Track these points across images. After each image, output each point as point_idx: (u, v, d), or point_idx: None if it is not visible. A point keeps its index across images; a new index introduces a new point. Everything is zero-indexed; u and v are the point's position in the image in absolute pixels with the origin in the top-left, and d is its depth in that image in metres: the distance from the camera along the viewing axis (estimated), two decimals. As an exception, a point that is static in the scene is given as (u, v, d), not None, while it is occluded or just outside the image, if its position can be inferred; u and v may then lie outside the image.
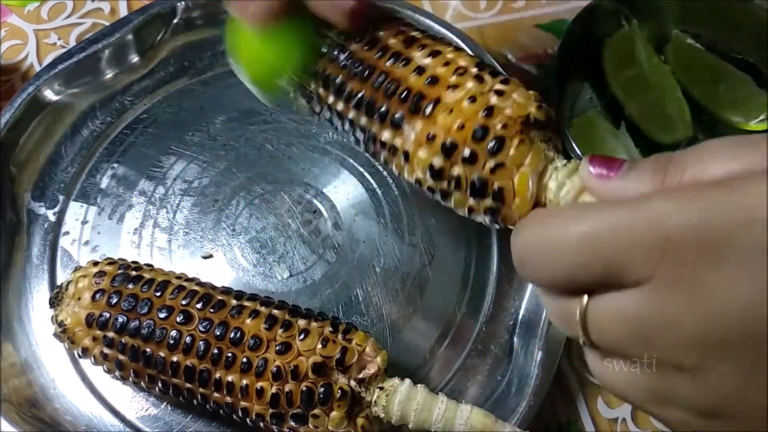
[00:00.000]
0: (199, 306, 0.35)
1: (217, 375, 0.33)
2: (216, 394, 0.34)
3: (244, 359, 0.33)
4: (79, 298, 0.36)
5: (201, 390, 0.34)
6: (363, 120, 0.33)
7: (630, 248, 0.20)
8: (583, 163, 0.26)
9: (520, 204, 0.29)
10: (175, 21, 0.51)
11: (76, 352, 0.37)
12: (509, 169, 0.29)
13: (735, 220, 0.19)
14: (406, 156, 0.32)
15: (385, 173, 0.47)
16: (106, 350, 0.36)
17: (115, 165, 0.47)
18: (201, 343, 0.33)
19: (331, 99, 0.35)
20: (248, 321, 0.34)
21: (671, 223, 0.20)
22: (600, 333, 0.23)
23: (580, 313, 0.23)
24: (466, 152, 0.29)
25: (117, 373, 0.36)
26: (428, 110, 0.30)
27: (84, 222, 0.45)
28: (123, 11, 0.55)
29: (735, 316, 0.19)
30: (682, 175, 0.22)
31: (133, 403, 0.40)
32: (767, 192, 0.19)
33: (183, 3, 0.50)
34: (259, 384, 0.33)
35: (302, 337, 0.33)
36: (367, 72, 0.33)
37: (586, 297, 0.23)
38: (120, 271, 0.37)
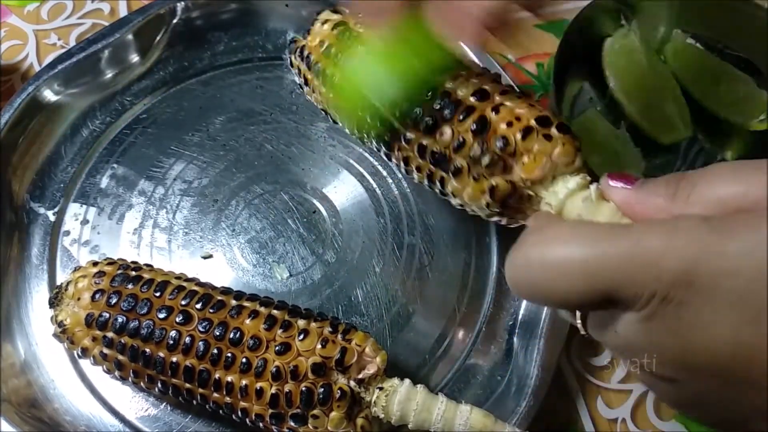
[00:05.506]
0: (198, 306, 0.35)
1: (217, 375, 0.33)
2: (215, 395, 0.34)
3: (244, 359, 0.33)
4: (78, 299, 0.36)
5: (200, 390, 0.34)
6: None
7: (625, 285, 0.23)
8: (603, 178, 0.29)
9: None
10: (174, 21, 0.51)
11: (75, 353, 0.37)
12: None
13: (721, 268, 0.21)
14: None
15: (384, 173, 0.47)
16: (106, 350, 0.36)
17: (115, 165, 0.47)
18: (200, 343, 0.33)
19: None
20: (248, 321, 0.34)
21: (664, 265, 0.22)
22: (599, 338, 0.27)
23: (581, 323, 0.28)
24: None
25: (116, 373, 0.36)
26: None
27: (84, 222, 0.45)
28: (123, 11, 0.55)
29: (709, 353, 0.22)
30: (691, 190, 0.24)
31: (132, 403, 0.40)
32: (754, 240, 0.21)
33: (183, 3, 0.50)
34: (259, 384, 0.33)
35: (302, 337, 0.33)
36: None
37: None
38: (119, 272, 0.37)
